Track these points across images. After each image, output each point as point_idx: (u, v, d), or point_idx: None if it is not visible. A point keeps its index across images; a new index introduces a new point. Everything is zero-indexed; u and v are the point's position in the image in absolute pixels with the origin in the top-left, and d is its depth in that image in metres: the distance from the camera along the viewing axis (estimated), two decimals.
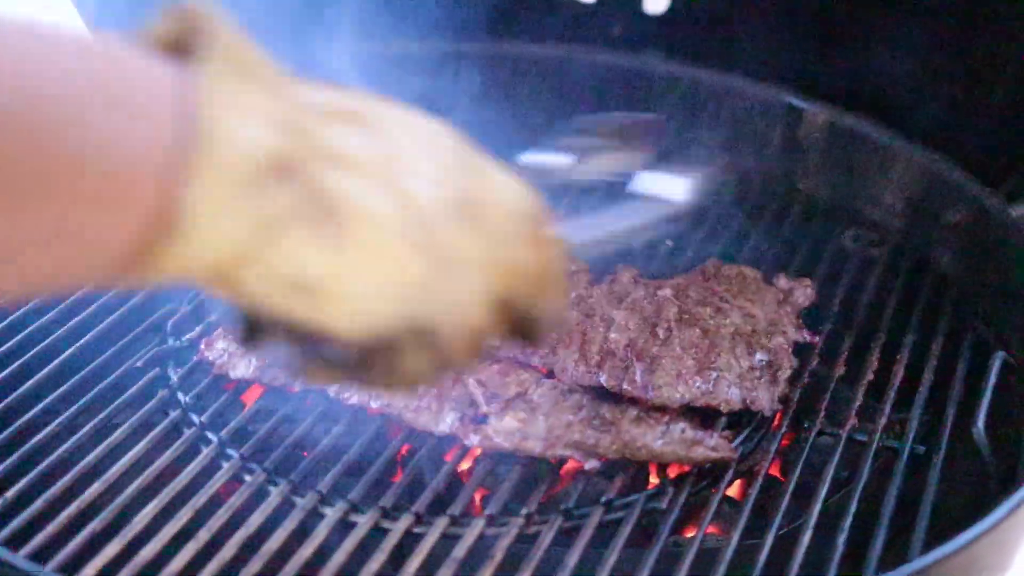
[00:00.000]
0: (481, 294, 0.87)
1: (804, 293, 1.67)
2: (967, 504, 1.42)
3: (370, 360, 0.83)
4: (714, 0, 2.21)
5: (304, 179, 0.72)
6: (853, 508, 1.35)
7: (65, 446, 1.42)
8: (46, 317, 1.63)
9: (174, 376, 1.55)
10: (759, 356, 1.54)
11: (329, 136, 0.76)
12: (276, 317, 0.78)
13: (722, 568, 1.27)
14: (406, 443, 1.47)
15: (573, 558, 1.28)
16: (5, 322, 1.62)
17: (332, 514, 1.35)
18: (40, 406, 1.49)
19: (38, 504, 1.32)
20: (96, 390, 1.52)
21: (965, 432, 1.47)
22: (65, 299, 1.65)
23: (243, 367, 1.53)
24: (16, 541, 1.26)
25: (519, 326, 0.93)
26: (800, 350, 1.58)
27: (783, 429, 1.49)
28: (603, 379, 1.50)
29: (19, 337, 1.60)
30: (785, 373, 1.53)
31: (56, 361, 1.56)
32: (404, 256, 0.79)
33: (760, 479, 1.41)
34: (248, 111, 0.69)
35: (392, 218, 0.78)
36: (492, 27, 2.11)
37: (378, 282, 0.78)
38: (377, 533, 1.34)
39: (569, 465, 1.44)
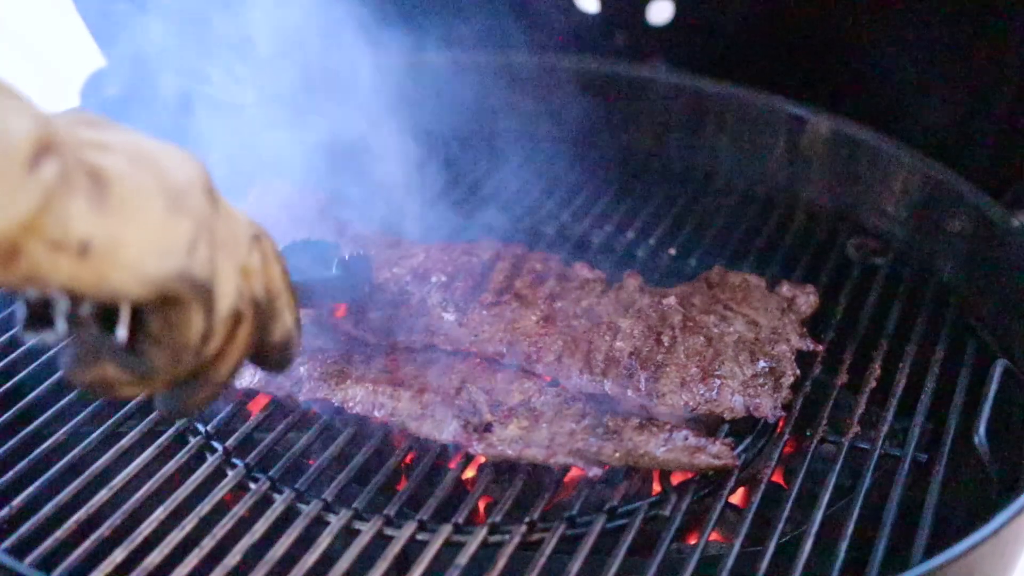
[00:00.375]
0: (236, 276, 1.05)
1: (807, 300, 1.68)
2: (969, 511, 1.43)
3: (151, 324, 0.99)
4: (717, 10, 2.22)
5: (68, 156, 0.88)
6: (855, 515, 1.35)
7: (72, 454, 1.43)
8: None
9: None
10: (762, 363, 1.55)
11: (82, 131, 0.94)
12: (61, 291, 0.93)
13: (725, 575, 1.27)
14: (410, 451, 1.48)
15: (576, 565, 1.29)
16: (12, 331, 1.63)
17: (336, 522, 1.36)
18: (47, 415, 1.50)
19: (45, 511, 1.33)
20: (101, 399, 1.52)
21: (967, 440, 1.47)
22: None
23: (248, 377, 1.54)
24: (23, 548, 1.27)
25: (259, 340, 1.11)
26: (803, 358, 1.59)
27: (786, 437, 1.49)
28: (608, 387, 1.51)
29: (27, 346, 1.61)
30: (788, 380, 1.54)
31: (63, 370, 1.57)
32: (169, 217, 0.96)
33: (763, 486, 1.41)
34: (12, 111, 0.84)
35: (150, 184, 0.95)
36: (494, 38, 2.13)
37: (149, 239, 0.94)
38: (381, 541, 1.34)
39: (572, 473, 1.45)
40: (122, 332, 1.00)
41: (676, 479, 1.44)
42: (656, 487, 1.46)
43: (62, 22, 2.23)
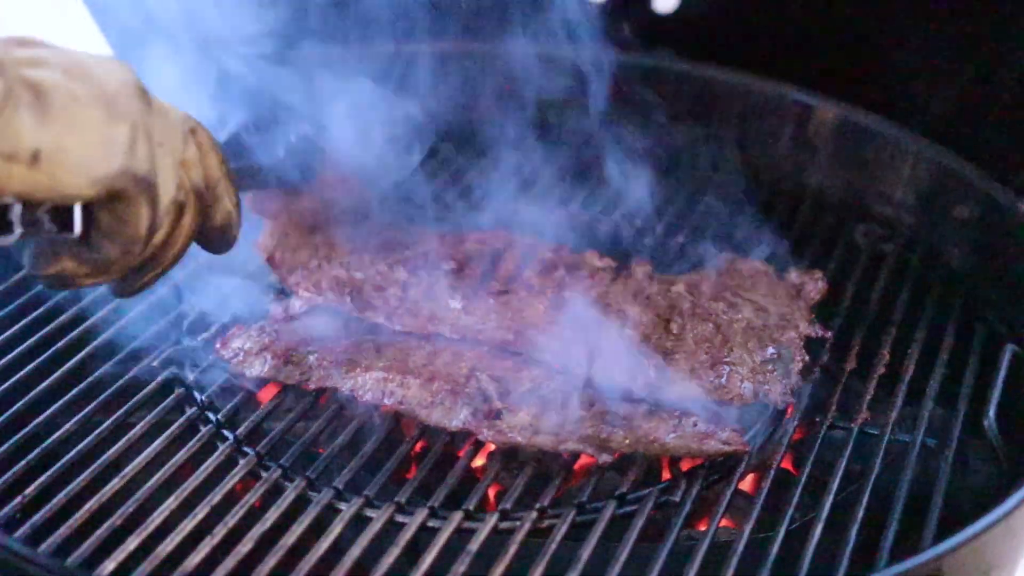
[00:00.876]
0: (175, 170, 1.14)
1: (816, 287, 1.68)
2: (978, 495, 1.42)
3: (101, 220, 1.09)
4: None
5: (8, 73, 0.97)
6: (865, 501, 1.36)
7: (83, 444, 1.43)
8: (63, 317, 1.65)
9: (190, 375, 1.57)
10: (771, 350, 1.55)
11: (16, 51, 1.02)
12: (16, 198, 1.02)
13: (735, 561, 1.28)
14: (420, 439, 1.48)
15: (586, 551, 1.29)
16: (23, 323, 1.64)
17: (348, 509, 1.37)
18: (58, 404, 1.50)
19: (57, 500, 1.34)
20: (113, 388, 1.53)
21: (976, 425, 1.47)
22: (81, 300, 1.67)
23: (259, 366, 1.54)
24: (37, 537, 1.28)
25: (202, 226, 1.22)
26: (812, 344, 1.59)
27: (795, 423, 1.50)
28: (616, 374, 1.51)
29: (37, 337, 1.61)
30: (797, 367, 1.54)
31: (73, 360, 1.57)
32: (107, 120, 1.05)
33: (772, 472, 1.41)
34: None
35: (86, 92, 1.03)
36: (503, 28, 2.12)
37: (92, 142, 1.03)
38: (393, 528, 1.35)
39: (582, 460, 1.45)
40: (77, 229, 1.11)
41: (686, 465, 1.44)
42: (665, 473, 1.46)
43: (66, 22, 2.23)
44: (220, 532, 1.31)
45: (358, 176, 1.64)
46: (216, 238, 1.27)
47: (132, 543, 1.28)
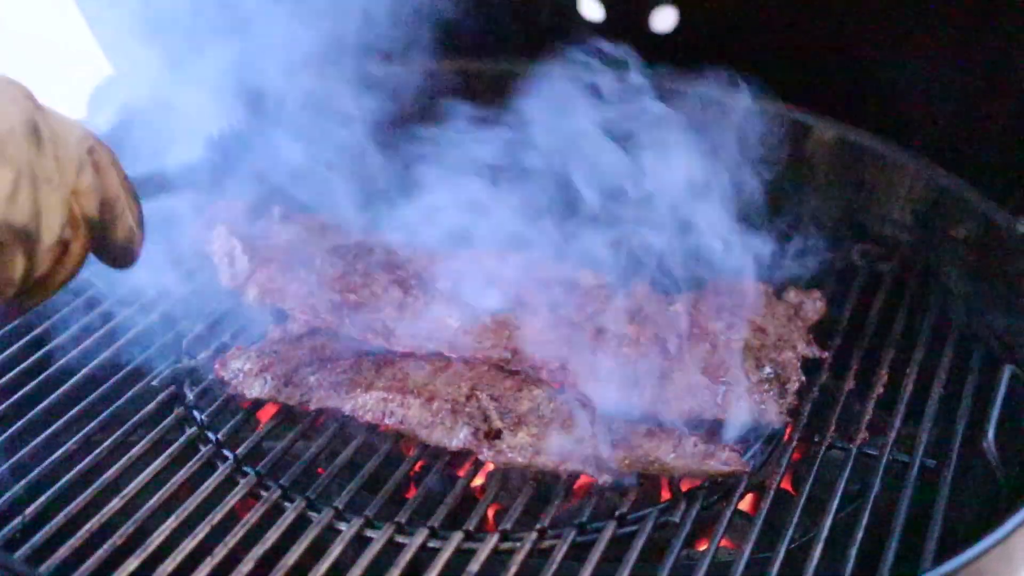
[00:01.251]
0: (63, 207, 1.10)
1: (814, 307, 1.68)
2: (978, 516, 1.43)
3: None
4: (720, 17, 2.22)
5: None
6: (864, 521, 1.36)
7: (83, 463, 1.44)
8: (63, 336, 1.65)
9: (190, 394, 1.57)
10: (768, 370, 1.55)
11: None
12: None
13: None
14: (420, 459, 1.49)
15: (587, 572, 1.29)
16: (24, 340, 1.64)
17: (348, 530, 1.37)
18: (58, 424, 1.50)
19: (58, 520, 1.34)
20: (113, 408, 1.53)
21: (975, 445, 1.48)
22: (81, 319, 1.67)
23: (258, 387, 1.54)
24: (38, 557, 1.28)
25: (101, 244, 1.18)
26: (810, 365, 1.60)
27: (794, 443, 1.50)
28: (615, 393, 1.52)
29: (37, 355, 1.62)
30: (793, 386, 1.54)
31: (73, 379, 1.58)
32: None
33: (772, 493, 1.42)
34: None
35: None
36: (501, 48, 2.13)
37: None
38: (392, 548, 1.35)
39: (582, 480, 1.45)
40: None
41: (685, 485, 1.45)
42: (665, 493, 1.47)
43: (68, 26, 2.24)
44: (220, 553, 1.31)
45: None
46: (118, 254, 1.23)
47: (132, 563, 1.28)
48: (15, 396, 1.54)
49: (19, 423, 1.50)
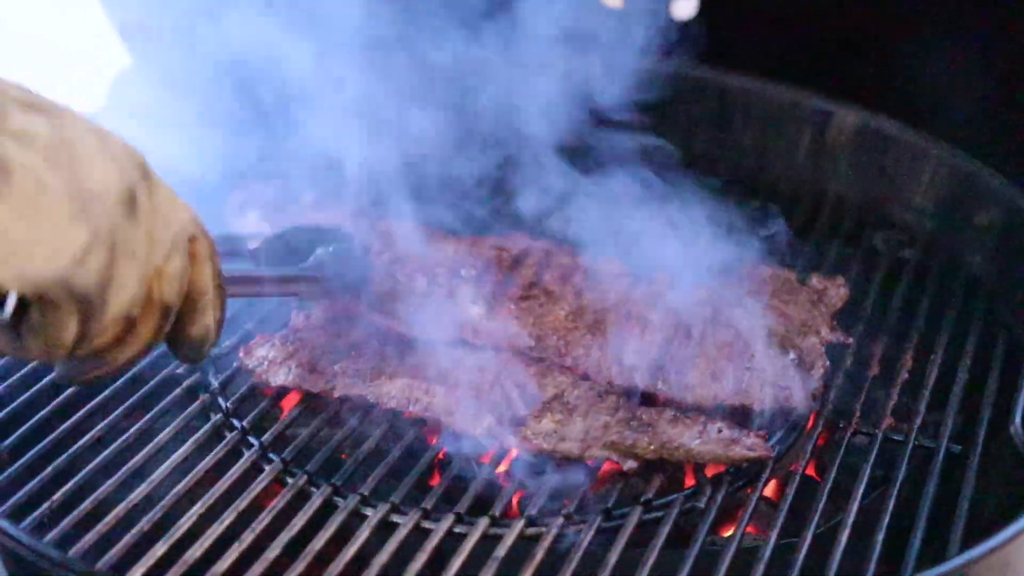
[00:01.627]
0: (139, 284, 1.06)
1: (838, 293, 1.68)
2: (1003, 501, 1.42)
3: (31, 314, 1.01)
4: (741, 5, 2.22)
5: None
6: (890, 507, 1.36)
7: (110, 449, 1.44)
8: None
9: (215, 382, 1.57)
10: (792, 356, 1.55)
11: (14, 116, 0.95)
12: None
13: (761, 567, 1.28)
14: (445, 446, 1.49)
15: (613, 557, 1.29)
16: None
17: (374, 515, 1.37)
18: (84, 410, 1.51)
19: (85, 506, 1.34)
20: (138, 395, 1.54)
21: (1001, 431, 1.47)
22: None
23: (283, 375, 1.55)
24: (66, 542, 1.28)
25: (174, 334, 1.15)
26: (834, 351, 1.59)
27: (818, 429, 1.50)
28: (638, 380, 1.52)
29: None
30: (818, 372, 1.54)
31: None
32: (67, 221, 0.97)
33: (797, 479, 1.42)
34: None
35: (58, 185, 0.96)
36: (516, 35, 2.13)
37: (37, 240, 0.96)
38: (419, 534, 1.35)
39: (607, 466, 1.45)
40: (6, 313, 1.03)
41: (710, 471, 1.44)
42: (690, 480, 1.47)
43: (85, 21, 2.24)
44: (247, 538, 1.31)
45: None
46: (188, 348, 1.20)
47: (160, 549, 1.28)
48: (41, 383, 1.55)
49: (46, 409, 1.51)
